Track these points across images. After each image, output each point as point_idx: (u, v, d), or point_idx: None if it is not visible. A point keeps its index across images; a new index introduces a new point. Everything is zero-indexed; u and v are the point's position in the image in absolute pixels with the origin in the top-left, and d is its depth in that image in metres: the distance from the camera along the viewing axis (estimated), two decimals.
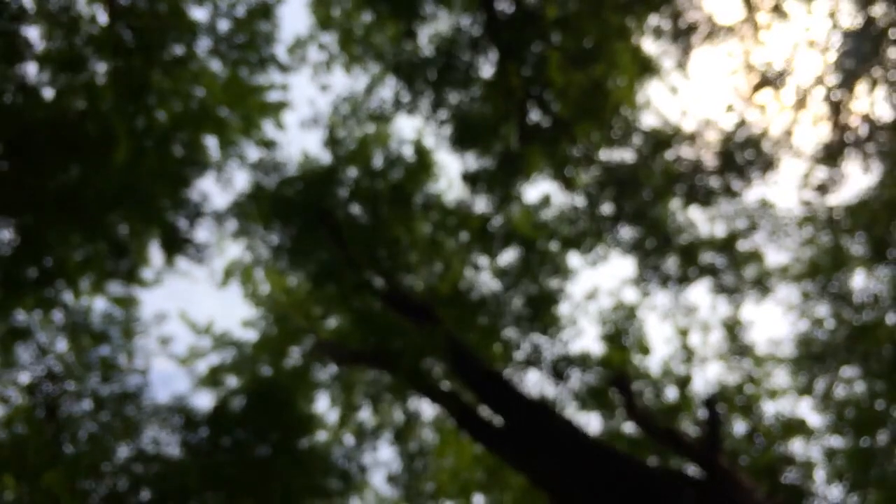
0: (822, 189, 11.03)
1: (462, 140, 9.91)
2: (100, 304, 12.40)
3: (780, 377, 12.08)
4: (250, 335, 12.18)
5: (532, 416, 7.53)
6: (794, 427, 11.00)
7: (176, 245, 8.09)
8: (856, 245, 11.55)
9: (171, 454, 9.17)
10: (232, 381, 10.82)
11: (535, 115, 9.10)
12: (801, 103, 11.06)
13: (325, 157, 9.82)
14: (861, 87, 10.75)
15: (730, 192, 10.93)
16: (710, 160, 10.74)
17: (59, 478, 7.33)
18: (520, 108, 8.77)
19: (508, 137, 9.29)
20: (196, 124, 9.21)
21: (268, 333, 11.58)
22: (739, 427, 11.20)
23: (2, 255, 7.98)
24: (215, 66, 9.60)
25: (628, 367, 10.70)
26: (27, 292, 8.39)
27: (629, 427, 10.40)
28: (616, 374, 9.38)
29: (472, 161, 10.33)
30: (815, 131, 11.19)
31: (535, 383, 10.14)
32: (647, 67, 8.77)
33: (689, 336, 12.03)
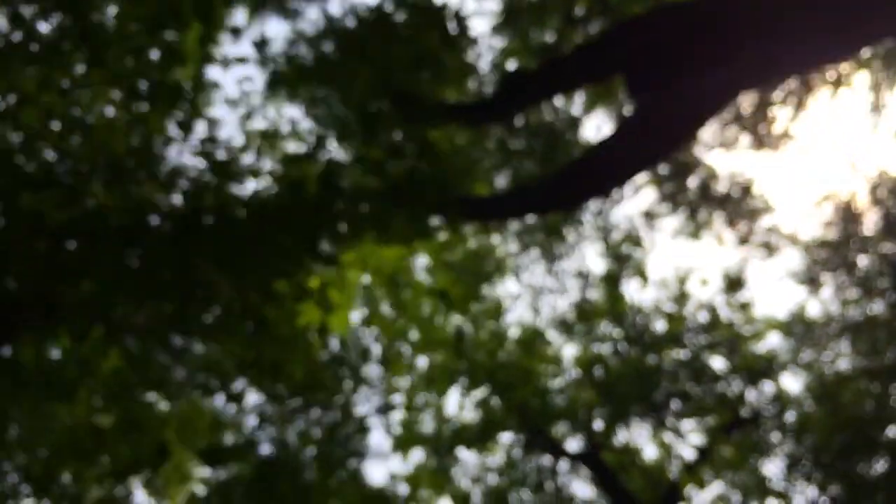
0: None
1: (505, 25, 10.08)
2: None
3: (770, 340, 12.15)
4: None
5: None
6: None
7: None
8: (869, 220, 11.61)
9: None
10: None
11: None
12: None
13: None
14: None
15: (761, 144, 11.04)
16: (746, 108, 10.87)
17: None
18: None
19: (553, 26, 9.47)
20: None
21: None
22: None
23: None
24: None
25: None
26: None
27: None
28: None
29: (512, 58, 10.50)
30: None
31: None
32: None
33: (687, 281, 12.13)
